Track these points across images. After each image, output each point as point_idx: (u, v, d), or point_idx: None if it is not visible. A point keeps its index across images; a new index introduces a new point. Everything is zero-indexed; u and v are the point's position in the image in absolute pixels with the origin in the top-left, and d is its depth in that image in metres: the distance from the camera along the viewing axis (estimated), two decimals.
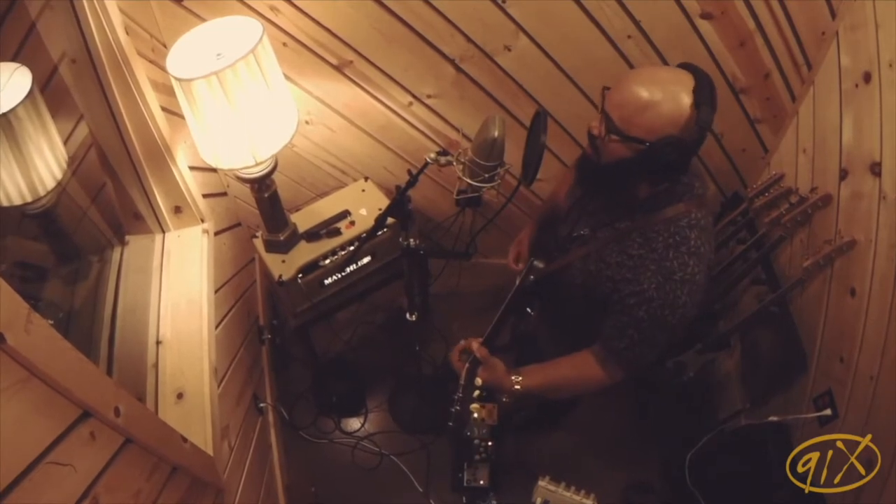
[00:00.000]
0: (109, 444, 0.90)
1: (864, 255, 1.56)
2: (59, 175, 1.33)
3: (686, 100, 1.15)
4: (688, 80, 1.17)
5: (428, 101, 2.04)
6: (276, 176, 1.74)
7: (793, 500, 1.57)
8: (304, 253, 1.98)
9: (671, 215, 1.30)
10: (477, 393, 1.35)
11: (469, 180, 1.49)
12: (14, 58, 1.21)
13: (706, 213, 1.34)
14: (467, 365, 1.37)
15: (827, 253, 1.67)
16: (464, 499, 2.20)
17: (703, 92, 1.16)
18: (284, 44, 1.82)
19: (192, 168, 1.71)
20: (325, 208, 2.10)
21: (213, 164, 1.54)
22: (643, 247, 1.32)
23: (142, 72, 1.43)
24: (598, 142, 1.25)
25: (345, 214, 2.07)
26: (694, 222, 1.30)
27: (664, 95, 1.15)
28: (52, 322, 0.86)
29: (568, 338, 1.50)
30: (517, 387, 1.41)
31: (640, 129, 1.17)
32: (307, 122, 2.09)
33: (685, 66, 1.22)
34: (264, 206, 1.82)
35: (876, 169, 1.53)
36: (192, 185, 1.68)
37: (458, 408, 1.34)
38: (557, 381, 1.46)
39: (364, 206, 2.09)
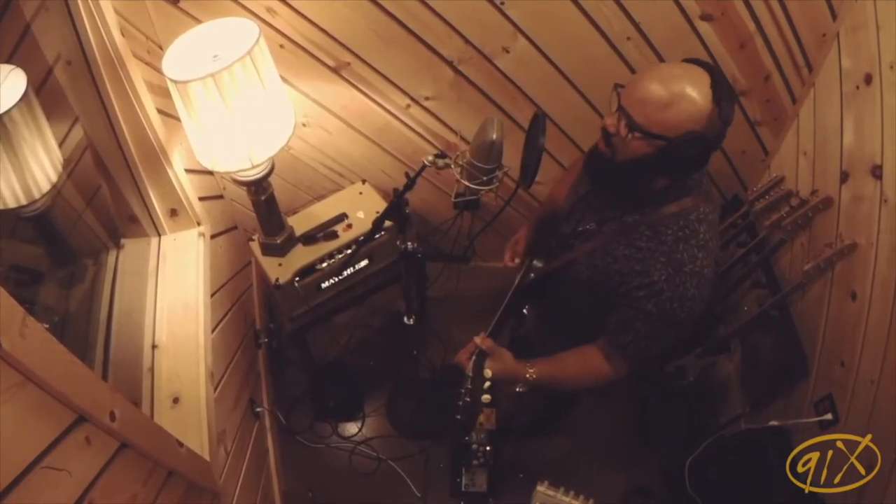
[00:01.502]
0: (105, 449, 0.90)
1: (865, 259, 1.56)
2: (54, 178, 1.31)
3: (706, 95, 1.15)
4: (703, 76, 1.17)
5: (426, 104, 2.03)
6: (272, 179, 1.73)
7: (792, 501, 1.57)
8: (301, 256, 1.97)
9: (680, 209, 1.30)
10: (487, 384, 1.33)
11: (467, 183, 1.48)
12: (9, 59, 1.20)
13: (713, 208, 1.34)
14: (473, 357, 1.36)
15: (828, 256, 1.67)
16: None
17: (721, 87, 1.16)
18: (281, 45, 1.82)
19: (188, 171, 1.70)
20: (322, 211, 2.09)
21: (210, 167, 1.53)
22: (652, 239, 1.31)
23: (137, 74, 1.42)
24: (615, 139, 1.24)
25: (342, 217, 2.06)
26: (702, 216, 1.30)
27: (684, 91, 1.15)
28: (47, 326, 0.85)
29: (567, 338, 1.50)
30: (531, 374, 1.40)
31: (662, 126, 1.17)
32: (304, 125, 2.08)
33: (693, 62, 1.22)
34: (261, 209, 1.81)
35: (877, 172, 1.53)
36: (188, 187, 1.68)
37: (467, 399, 1.33)
38: (563, 374, 1.46)
39: (361, 209, 2.08)
